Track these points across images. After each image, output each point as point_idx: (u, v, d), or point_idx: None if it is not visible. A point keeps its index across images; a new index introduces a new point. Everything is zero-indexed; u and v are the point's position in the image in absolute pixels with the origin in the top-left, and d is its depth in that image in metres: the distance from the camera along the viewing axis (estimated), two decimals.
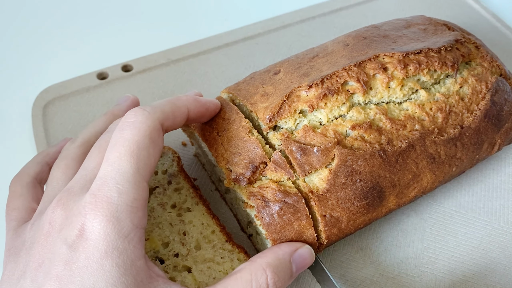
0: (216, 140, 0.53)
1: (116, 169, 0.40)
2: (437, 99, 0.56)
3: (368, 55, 0.55)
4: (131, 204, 0.39)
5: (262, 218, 0.48)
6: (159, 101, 0.48)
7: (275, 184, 0.49)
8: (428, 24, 0.63)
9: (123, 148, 0.41)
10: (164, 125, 0.46)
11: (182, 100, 0.49)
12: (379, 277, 0.57)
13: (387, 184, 0.51)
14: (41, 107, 0.71)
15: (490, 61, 0.61)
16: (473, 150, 0.57)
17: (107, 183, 0.39)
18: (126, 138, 0.41)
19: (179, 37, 0.83)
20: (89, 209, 0.38)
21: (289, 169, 0.49)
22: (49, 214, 0.41)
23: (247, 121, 0.52)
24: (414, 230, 0.61)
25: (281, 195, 0.48)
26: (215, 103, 0.54)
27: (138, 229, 0.40)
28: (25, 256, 0.41)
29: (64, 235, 0.39)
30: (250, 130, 0.51)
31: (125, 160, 0.40)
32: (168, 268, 0.50)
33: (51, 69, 0.80)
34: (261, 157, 0.49)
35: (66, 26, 0.87)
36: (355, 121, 0.51)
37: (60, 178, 0.47)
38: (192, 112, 0.50)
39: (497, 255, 0.59)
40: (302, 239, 0.49)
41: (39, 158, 0.54)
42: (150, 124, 0.43)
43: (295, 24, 0.86)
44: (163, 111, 0.46)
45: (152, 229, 0.52)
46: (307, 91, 0.52)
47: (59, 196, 0.42)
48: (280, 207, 0.48)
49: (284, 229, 0.48)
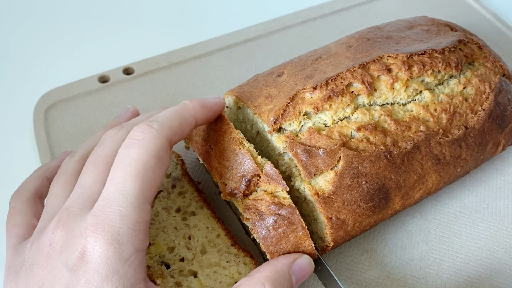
0: (209, 154, 0.52)
1: (120, 191, 0.39)
2: (441, 100, 0.56)
3: (372, 57, 0.55)
4: (133, 227, 0.39)
5: (257, 231, 0.48)
6: (165, 112, 0.46)
7: (269, 196, 0.47)
8: (431, 25, 0.63)
9: (129, 168, 0.40)
10: (172, 142, 0.45)
11: (189, 110, 0.48)
12: (384, 279, 0.57)
13: (393, 186, 0.51)
14: (43, 111, 0.70)
15: (493, 61, 0.61)
16: (478, 151, 0.57)
17: (109, 205, 0.39)
18: (132, 157, 0.40)
19: (180, 40, 0.83)
20: (91, 231, 0.38)
21: (281, 180, 0.48)
22: (49, 234, 0.40)
23: (237, 132, 0.50)
24: (418, 232, 0.61)
25: (275, 208, 0.47)
26: (220, 104, 0.52)
27: (139, 252, 0.39)
28: (25, 277, 0.41)
29: (64, 257, 0.38)
30: (241, 141, 0.50)
31: (130, 181, 0.39)
32: (174, 272, 0.50)
33: (52, 73, 0.79)
34: (254, 170, 0.48)
35: (67, 30, 0.87)
36: (360, 122, 0.51)
37: (60, 194, 0.46)
38: (199, 119, 0.49)
39: (502, 255, 0.59)
40: (299, 250, 0.48)
41: (39, 172, 0.53)
42: (158, 143, 0.42)
43: (297, 25, 0.86)
44: (171, 127, 0.44)
45: (157, 234, 0.52)
46: (311, 93, 0.52)
47: (59, 215, 0.41)
48: (275, 220, 0.47)
49: (280, 241, 0.47)
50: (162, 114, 0.46)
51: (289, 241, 0.47)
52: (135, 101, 0.73)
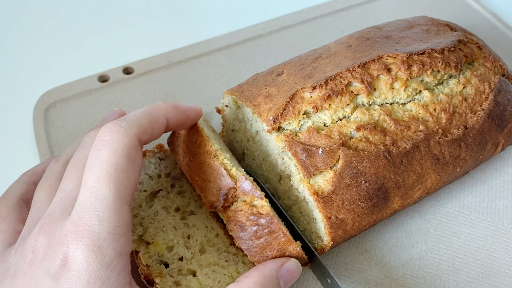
0: (189, 167, 0.52)
1: (95, 195, 0.39)
2: (441, 100, 0.56)
3: (372, 56, 0.55)
4: (113, 231, 0.38)
5: (241, 243, 0.47)
6: (136, 112, 0.45)
7: (248, 206, 0.47)
8: (431, 25, 0.63)
9: (101, 171, 0.39)
10: (142, 140, 0.44)
11: (161, 109, 0.47)
12: (383, 279, 0.57)
13: (392, 185, 0.51)
14: (43, 110, 0.70)
15: (493, 61, 0.61)
16: (477, 151, 0.57)
17: (87, 210, 0.38)
18: (102, 159, 0.40)
19: (180, 39, 0.83)
20: (71, 238, 0.38)
21: (256, 191, 0.47)
22: (32, 241, 0.40)
23: (211, 144, 0.50)
24: (418, 231, 0.61)
25: (254, 218, 0.46)
26: (196, 111, 0.51)
27: (122, 256, 0.39)
28: (9, 284, 0.40)
29: (46, 265, 0.38)
30: (215, 154, 0.49)
31: (104, 185, 0.39)
32: (173, 272, 0.50)
33: (52, 72, 0.79)
34: (229, 183, 0.47)
35: (66, 29, 0.87)
36: (360, 122, 0.51)
37: (44, 199, 0.46)
38: (171, 120, 0.48)
39: (501, 255, 0.59)
40: (286, 255, 0.48)
41: (25, 177, 0.52)
42: (127, 142, 0.41)
43: (296, 25, 0.86)
44: (139, 125, 0.43)
45: (156, 233, 0.52)
46: (311, 92, 0.52)
47: (41, 221, 0.41)
48: (255, 230, 0.46)
49: (264, 250, 0.47)
50: (132, 113, 0.45)
51: (274, 248, 0.47)
52: (134, 101, 0.73)
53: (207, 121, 0.58)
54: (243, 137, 0.60)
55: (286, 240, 0.47)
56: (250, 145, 0.59)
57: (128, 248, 0.40)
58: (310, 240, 0.54)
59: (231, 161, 0.49)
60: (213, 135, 0.54)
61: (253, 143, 0.58)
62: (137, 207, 0.54)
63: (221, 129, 0.65)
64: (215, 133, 0.58)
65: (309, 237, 0.54)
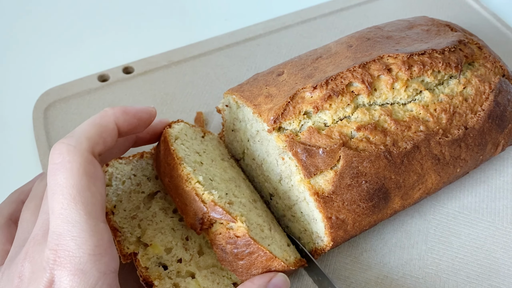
0: (169, 187, 0.51)
1: (66, 221, 0.38)
2: (441, 100, 0.56)
3: (372, 56, 0.55)
4: (93, 252, 0.38)
5: (225, 265, 0.47)
6: (82, 124, 0.44)
7: (225, 229, 0.46)
8: (431, 25, 0.63)
9: (63, 197, 0.38)
10: (95, 152, 0.43)
11: (108, 116, 0.45)
12: (383, 279, 0.57)
13: (393, 186, 0.51)
14: (42, 109, 0.70)
15: (493, 61, 0.61)
16: (477, 151, 0.57)
17: (63, 237, 0.38)
18: (61, 184, 0.38)
19: (180, 39, 0.83)
20: (53, 265, 0.38)
21: (226, 215, 0.45)
22: (19, 267, 0.40)
23: (182, 169, 0.48)
24: (418, 232, 0.61)
25: (232, 240, 0.45)
26: (148, 111, 0.49)
27: (107, 275, 0.39)
28: None
29: None
30: (186, 179, 0.48)
31: (71, 209, 0.38)
32: (171, 274, 0.50)
33: (51, 71, 0.79)
34: (202, 208, 0.46)
35: (66, 29, 0.86)
36: (360, 122, 0.51)
37: (29, 219, 0.45)
38: (122, 126, 0.46)
39: (501, 255, 0.59)
40: (272, 270, 0.47)
41: (13, 196, 0.52)
42: (80, 160, 0.39)
43: (296, 25, 0.86)
44: (89, 138, 0.42)
45: (154, 235, 0.52)
46: (311, 92, 0.52)
47: (27, 246, 0.41)
48: (236, 253, 0.46)
49: (249, 269, 0.46)
50: (79, 127, 0.44)
51: (258, 267, 0.46)
52: (134, 100, 0.73)
53: (188, 128, 0.56)
54: (243, 137, 0.60)
55: (267, 258, 0.46)
56: (250, 145, 0.59)
57: (113, 265, 0.40)
58: (311, 240, 0.54)
59: (204, 184, 0.48)
60: (188, 152, 0.52)
61: (253, 143, 0.58)
62: (135, 209, 0.53)
63: (221, 129, 0.65)
64: (195, 142, 0.56)
65: (310, 237, 0.54)
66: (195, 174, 0.48)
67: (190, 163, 0.50)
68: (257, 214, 0.52)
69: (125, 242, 0.51)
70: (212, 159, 0.55)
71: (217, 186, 0.50)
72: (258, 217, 0.51)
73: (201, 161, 0.52)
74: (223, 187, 0.50)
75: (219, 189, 0.49)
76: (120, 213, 0.53)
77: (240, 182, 0.56)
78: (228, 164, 0.58)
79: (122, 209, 0.53)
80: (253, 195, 0.56)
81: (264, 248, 0.46)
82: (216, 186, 0.49)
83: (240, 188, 0.54)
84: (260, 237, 0.48)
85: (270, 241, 0.49)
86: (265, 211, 0.56)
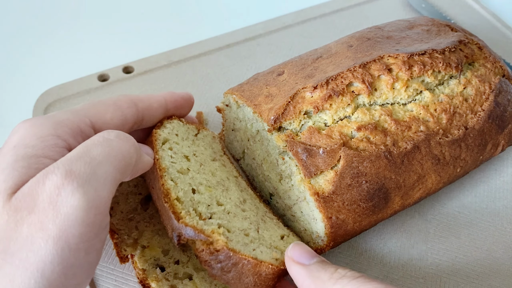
0: (153, 194, 0.49)
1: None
2: (441, 100, 0.56)
3: (373, 56, 0.55)
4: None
5: (218, 279, 0.45)
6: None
7: (205, 245, 0.44)
8: (431, 25, 0.63)
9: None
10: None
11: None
12: (383, 279, 0.57)
13: (393, 186, 0.51)
14: (42, 109, 0.70)
15: (493, 62, 0.61)
16: (477, 151, 0.57)
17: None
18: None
19: (180, 39, 0.83)
20: None
21: (200, 234, 0.43)
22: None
23: (163, 182, 0.46)
24: (417, 232, 0.61)
25: (214, 256, 0.44)
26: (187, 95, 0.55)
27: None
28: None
29: None
30: (166, 194, 0.45)
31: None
32: (169, 275, 0.49)
33: (52, 71, 0.79)
34: (178, 227, 0.44)
35: (66, 28, 0.86)
36: (360, 122, 0.51)
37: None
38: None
39: (501, 255, 0.59)
40: (262, 276, 0.45)
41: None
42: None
43: (296, 24, 0.86)
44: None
45: (152, 237, 0.52)
46: (311, 92, 0.52)
47: None
48: (221, 267, 0.44)
49: (241, 279, 0.45)
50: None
51: (248, 275, 0.45)
52: None
53: (180, 126, 0.55)
54: (244, 137, 0.60)
55: (253, 265, 0.44)
56: (250, 145, 0.59)
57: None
58: (311, 240, 0.54)
59: (183, 202, 0.46)
60: (175, 158, 0.50)
61: (253, 143, 0.58)
62: (132, 211, 0.53)
63: (221, 128, 0.65)
64: (185, 144, 0.53)
65: (310, 237, 0.54)
66: (176, 189, 0.46)
67: (173, 173, 0.48)
68: (243, 217, 0.50)
69: (122, 244, 0.50)
70: (201, 162, 0.53)
71: (199, 198, 0.47)
72: (243, 220, 0.49)
73: (188, 167, 0.50)
74: (206, 198, 0.48)
75: (201, 202, 0.47)
76: (117, 215, 0.53)
77: (229, 183, 0.54)
78: (219, 164, 0.55)
79: (119, 211, 0.53)
80: (243, 195, 0.54)
81: (246, 256, 0.44)
82: (198, 199, 0.47)
83: (227, 191, 0.52)
84: (243, 244, 0.46)
85: (257, 244, 0.47)
86: (256, 208, 0.53)
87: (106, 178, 0.40)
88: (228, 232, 0.46)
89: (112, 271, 0.54)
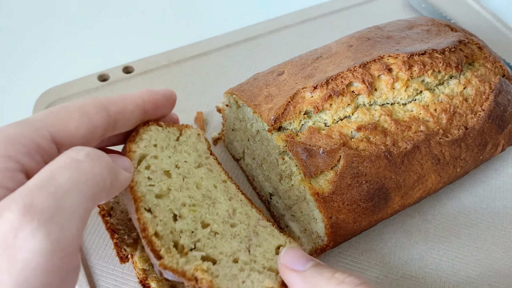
0: (133, 219, 0.44)
1: None
2: (441, 100, 0.56)
3: (373, 56, 0.55)
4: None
5: None
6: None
7: (190, 285, 0.40)
8: (431, 25, 0.63)
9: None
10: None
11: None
12: (383, 279, 0.57)
13: (393, 186, 0.51)
14: (42, 109, 0.70)
15: (493, 62, 0.61)
16: (477, 151, 0.57)
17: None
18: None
19: (180, 39, 0.83)
20: None
21: (180, 277, 0.40)
22: None
23: (139, 215, 0.41)
24: (417, 231, 0.61)
25: (172, 275, 0.40)
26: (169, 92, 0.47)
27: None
28: None
29: None
30: (143, 228, 0.41)
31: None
32: None
33: (52, 71, 0.79)
34: (158, 268, 0.40)
35: (66, 28, 0.86)
36: (360, 122, 0.51)
37: None
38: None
39: (501, 255, 0.59)
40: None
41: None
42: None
43: (296, 24, 0.86)
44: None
45: None
46: (311, 92, 0.52)
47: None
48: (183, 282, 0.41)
49: None
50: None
51: None
52: None
53: (159, 132, 0.48)
54: (244, 137, 0.60)
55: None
56: (250, 145, 0.59)
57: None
58: (311, 240, 0.54)
59: (161, 237, 0.42)
60: (154, 178, 0.45)
61: (253, 143, 0.58)
62: None
63: (221, 128, 0.65)
64: (166, 154, 0.47)
65: (310, 237, 0.54)
66: (154, 222, 0.42)
67: (151, 201, 0.43)
68: (232, 235, 0.46)
69: (122, 244, 0.50)
70: (184, 175, 0.47)
71: (181, 226, 0.43)
72: (232, 240, 0.45)
73: (168, 186, 0.45)
74: (189, 222, 0.44)
75: (184, 230, 0.43)
76: (117, 215, 0.52)
77: (217, 192, 0.49)
78: (204, 171, 0.50)
79: (119, 210, 0.53)
80: (232, 204, 0.49)
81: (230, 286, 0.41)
82: (180, 227, 0.43)
83: (214, 205, 0.47)
84: (231, 277, 0.42)
85: (247, 272, 0.44)
86: (247, 218, 0.50)
87: (74, 211, 0.33)
88: (213, 265, 0.42)
89: (112, 271, 0.54)
